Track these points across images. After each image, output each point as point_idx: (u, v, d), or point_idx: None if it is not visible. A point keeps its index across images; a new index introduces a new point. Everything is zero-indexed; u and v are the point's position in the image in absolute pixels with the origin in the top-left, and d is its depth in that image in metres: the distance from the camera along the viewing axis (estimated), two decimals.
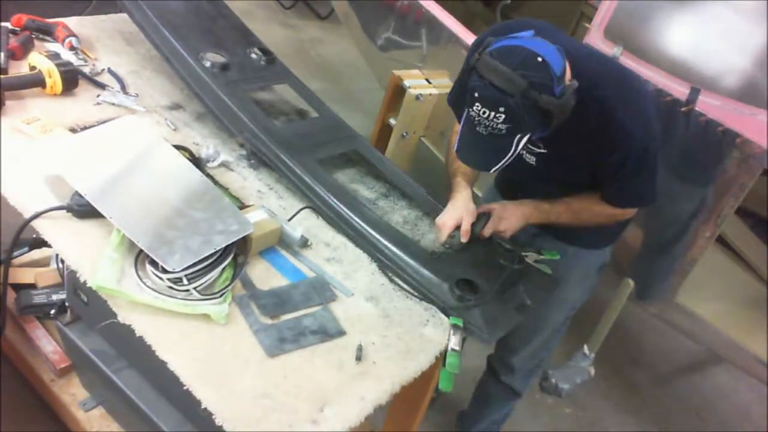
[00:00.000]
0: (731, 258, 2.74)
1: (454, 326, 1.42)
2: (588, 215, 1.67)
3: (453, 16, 2.75)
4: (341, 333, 1.33)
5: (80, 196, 1.40)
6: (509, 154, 1.37)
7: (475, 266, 1.58)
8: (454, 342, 1.39)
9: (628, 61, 2.16)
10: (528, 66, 1.27)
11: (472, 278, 1.50)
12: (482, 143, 1.36)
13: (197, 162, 1.64)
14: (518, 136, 1.34)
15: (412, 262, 1.53)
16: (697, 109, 2.02)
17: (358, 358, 1.28)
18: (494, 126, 1.31)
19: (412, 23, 2.82)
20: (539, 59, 1.28)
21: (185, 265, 1.27)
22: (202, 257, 1.30)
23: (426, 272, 1.52)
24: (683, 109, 2.04)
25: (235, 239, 1.35)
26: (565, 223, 1.68)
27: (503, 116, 1.29)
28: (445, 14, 2.75)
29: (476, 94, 1.31)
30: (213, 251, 1.32)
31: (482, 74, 1.30)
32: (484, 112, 1.31)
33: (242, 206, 1.56)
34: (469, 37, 2.68)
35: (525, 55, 1.28)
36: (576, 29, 3.71)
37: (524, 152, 1.62)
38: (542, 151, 1.59)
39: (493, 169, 1.43)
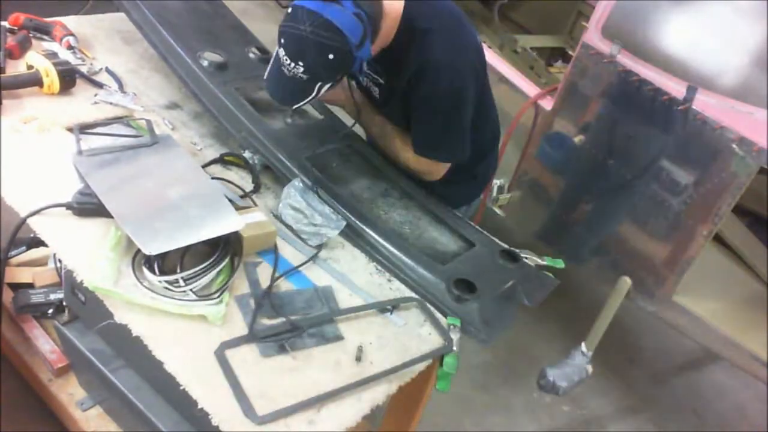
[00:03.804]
0: (729, 256, 2.73)
1: (452, 326, 1.42)
2: (392, 145, 1.79)
3: None
4: (339, 338, 1.33)
5: (81, 194, 1.40)
6: (310, 97, 1.52)
7: (474, 266, 1.58)
8: (455, 341, 1.39)
9: (626, 60, 2.17)
10: (329, 29, 1.39)
11: (470, 278, 1.50)
12: (286, 83, 1.50)
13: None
14: (319, 83, 1.49)
15: (409, 261, 1.53)
16: (694, 107, 2.02)
17: (358, 359, 1.28)
18: (296, 73, 1.45)
19: None
20: (337, 26, 1.38)
21: (162, 251, 1.27)
22: (181, 245, 1.30)
23: (423, 271, 1.52)
24: (680, 107, 2.04)
25: (220, 233, 1.35)
26: (375, 133, 1.83)
27: (302, 68, 1.44)
28: None
29: (282, 40, 1.45)
30: (194, 241, 1.32)
31: (288, 24, 1.42)
32: (286, 59, 1.45)
33: (243, 207, 1.56)
34: None
35: (323, 21, 1.38)
36: (573, 28, 3.71)
37: (370, 84, 1.77)
38: (381, 82, 1.72)
39: (295, 107, 1.63)
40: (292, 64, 1.44)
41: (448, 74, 1.57)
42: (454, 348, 1.37)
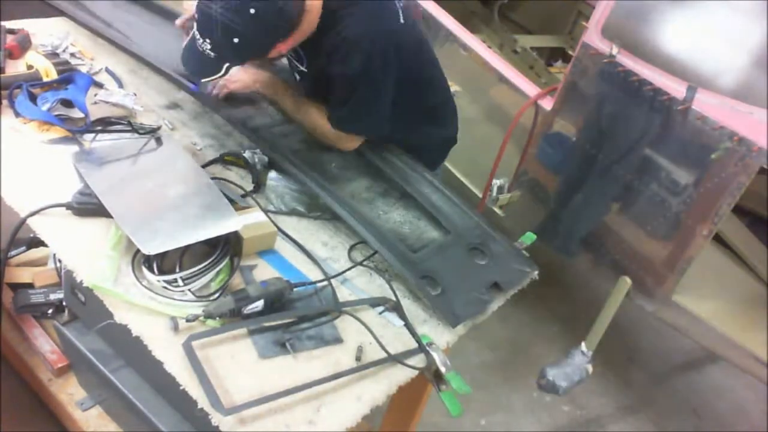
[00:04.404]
0: (728, 256, 2.74)
1: (429, 345, 1.36)
2: (307, 118, 1.79)
3: (451, 15, 2.75)
4: (338, 341, 1.32)
5: (81, 194, 1.40)
6: (218, 75, 1.58)
7: (442, 256, 1.57)
8: (441, 359, 1.32)
9: (626, 60, 2.16)
10: (238, 14, 1.42)
11: (438, 269, 1.50)
12: (198, 57, 1.53)
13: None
14: (226, 64, 1.55)
15: (386, 252, 1.52)
16: (694, 107, 2.02)
17: (358, 359, 1.28)
18: (204, 49, 1.49)
19: None
20: (251, 11, 1.42)
21: (161, 250, 1.27)
22: (180, 245, 1.30)
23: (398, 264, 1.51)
24: (680, 107, 2.04)
25: (219, 234, 1.35)
26: (287, 109, 1.84)
27: (209, 45, 1.48)
28: (443, 13, 2.75)
29: (196, 14, 1.49)
30: (193, 241, 1.32)
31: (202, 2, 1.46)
32: (198, 36, 1.49)
33: (244, 207, 1.56)
34: (467, 36, 2.68)
35: (236, 4, 1.41)
36: (573, 28, 3.71)
37: (294, 71, 1.81)
38: (303, 69, 1.76)
39: (203, 81, 1.74)
40: (201, 40, 1.48)
41: (359, 54, 1.59)
42: (448, 364, 1.32)
